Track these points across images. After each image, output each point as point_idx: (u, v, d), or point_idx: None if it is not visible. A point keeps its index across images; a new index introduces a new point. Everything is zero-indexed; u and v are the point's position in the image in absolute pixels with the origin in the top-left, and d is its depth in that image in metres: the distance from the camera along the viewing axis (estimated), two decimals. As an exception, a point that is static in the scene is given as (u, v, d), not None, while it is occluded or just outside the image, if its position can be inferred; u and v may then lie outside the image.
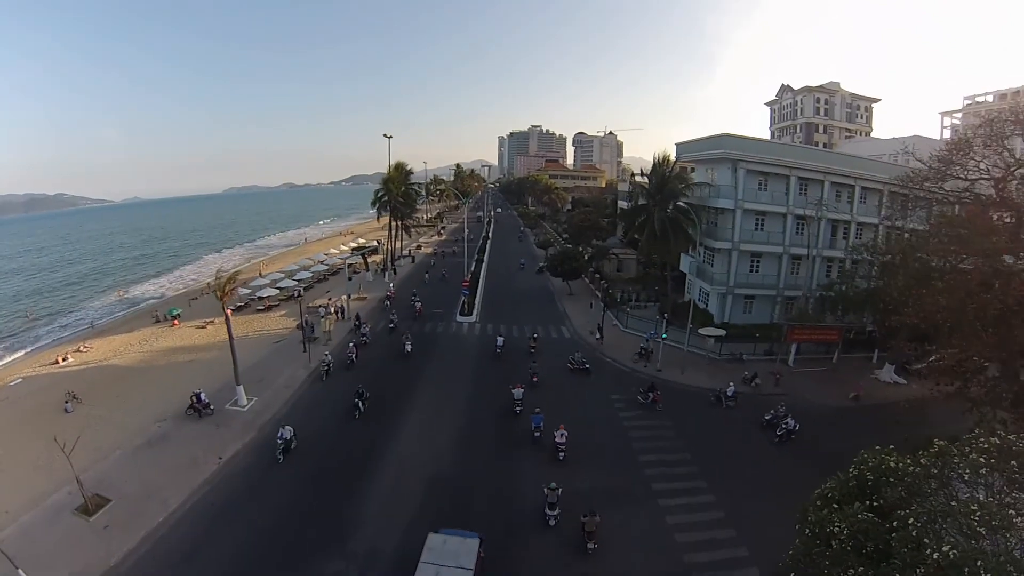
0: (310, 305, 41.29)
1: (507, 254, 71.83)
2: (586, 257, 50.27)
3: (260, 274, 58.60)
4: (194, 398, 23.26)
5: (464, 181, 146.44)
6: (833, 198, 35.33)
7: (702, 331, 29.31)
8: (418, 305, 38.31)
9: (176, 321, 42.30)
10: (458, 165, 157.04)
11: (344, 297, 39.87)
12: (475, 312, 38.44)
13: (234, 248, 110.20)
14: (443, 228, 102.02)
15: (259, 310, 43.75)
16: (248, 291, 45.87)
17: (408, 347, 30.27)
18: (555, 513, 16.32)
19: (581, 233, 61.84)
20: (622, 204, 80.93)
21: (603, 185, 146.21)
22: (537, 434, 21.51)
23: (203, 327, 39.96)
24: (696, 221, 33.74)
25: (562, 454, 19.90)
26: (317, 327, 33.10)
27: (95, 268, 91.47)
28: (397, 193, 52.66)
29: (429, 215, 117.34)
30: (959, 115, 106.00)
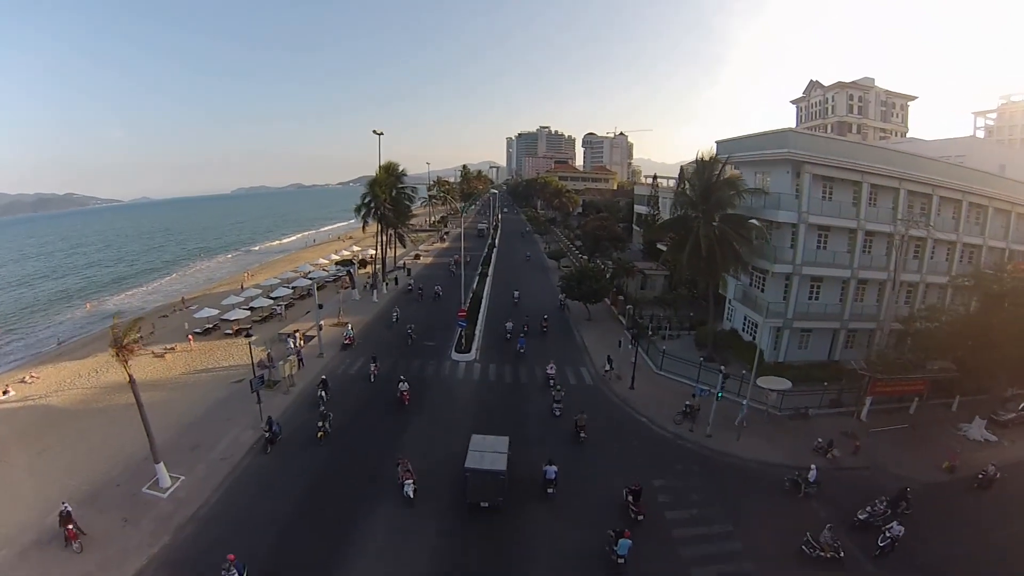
0: (281, 332, 35.47)
1: (513, 259, 68.22)
2: (608, 275, 43.80)
3: (242, 287, 52.98)
4: (60, 518, 15.85)
5: (470, 183, 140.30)
6: (906, 209, 29.13)
7: (762, 383, 22.87)
8: (404, 389, 25.38)
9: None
10: (465, 166, 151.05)
11: (314, 327, 32.55)
12: (474, 348, 31.68)
13: (228, 254, 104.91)
14: (446, 233, 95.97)
15: (227, 334, 38.07)
16: (216, 311, 40.08)
17: (410, 491, 17.81)
18: (559, 405, 23.87)
19: (597, 243, 55.79)
20: (639, 209, 74.71)
21: (615, 187, 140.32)
22: (521, 351, 31.20)
23: (161, 355, 34.70)
24: (765, 236, 27.63)
25: (552, 380, 26.50)
26: (277, 368, 27.02)
27: (85, 277, 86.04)
28: (385, 198, 45.50)
29: (433, 219, 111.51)
30: (993, 115, 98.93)
